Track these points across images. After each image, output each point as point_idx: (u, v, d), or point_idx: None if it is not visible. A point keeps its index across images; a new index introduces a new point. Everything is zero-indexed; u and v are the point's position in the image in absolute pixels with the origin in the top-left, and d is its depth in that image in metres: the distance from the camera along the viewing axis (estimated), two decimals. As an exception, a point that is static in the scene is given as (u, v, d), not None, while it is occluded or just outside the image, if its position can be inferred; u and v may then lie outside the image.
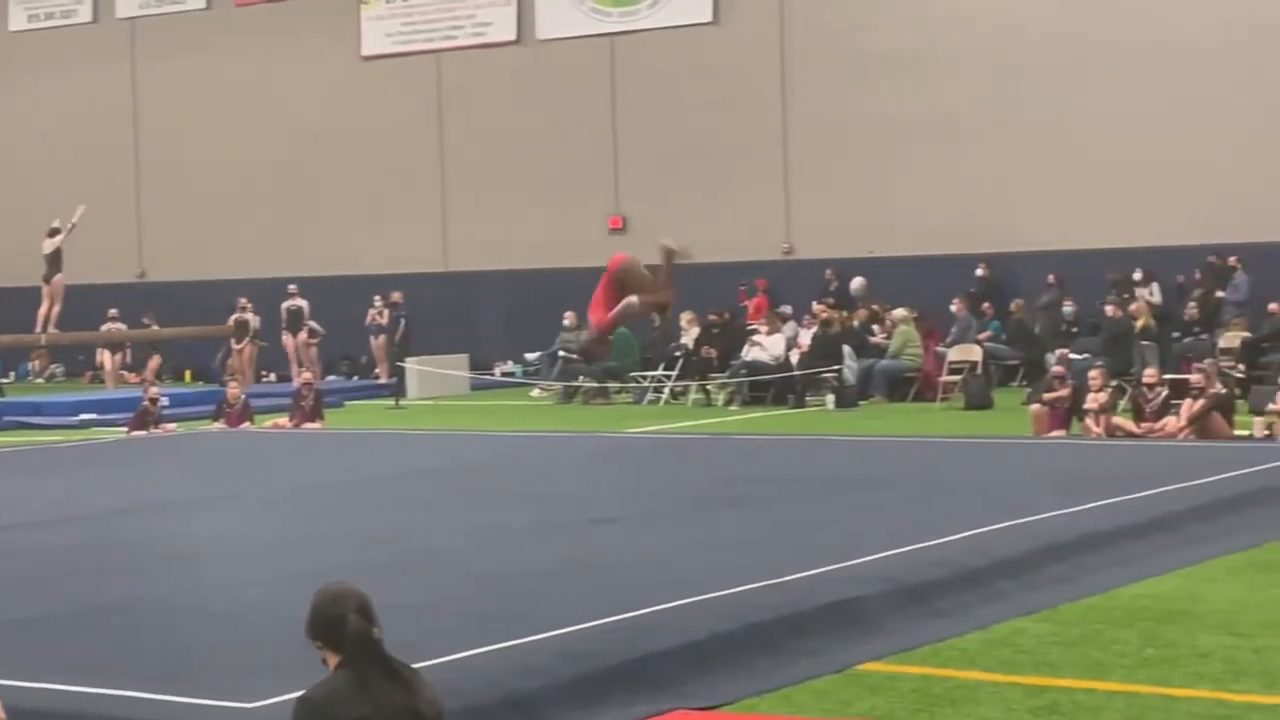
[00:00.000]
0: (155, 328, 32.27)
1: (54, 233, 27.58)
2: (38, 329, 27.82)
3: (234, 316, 31.54)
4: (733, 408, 26.32)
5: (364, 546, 11.79)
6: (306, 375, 25.71)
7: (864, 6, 30.63)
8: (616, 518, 13.11)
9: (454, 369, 31.32)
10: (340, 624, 4.75)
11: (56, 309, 27.81)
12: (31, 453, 20.96)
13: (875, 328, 27.92)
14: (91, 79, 37.76)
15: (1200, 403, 18.29)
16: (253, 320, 31.81)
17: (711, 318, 28.66)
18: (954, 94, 29.51)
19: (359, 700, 4.66)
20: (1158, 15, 28.18)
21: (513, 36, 33.77)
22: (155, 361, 32.38)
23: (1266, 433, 18.26)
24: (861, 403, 25.66)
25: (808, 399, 26.02)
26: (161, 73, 37.26)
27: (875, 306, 28.81)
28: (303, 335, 31.81)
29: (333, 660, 4.80)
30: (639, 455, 18.93)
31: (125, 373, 32.73)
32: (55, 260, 27.47)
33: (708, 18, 31.93)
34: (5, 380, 34.02)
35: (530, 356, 32.21)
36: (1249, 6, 27.56)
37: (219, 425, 23.43)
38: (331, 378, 32.80)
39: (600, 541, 11.99)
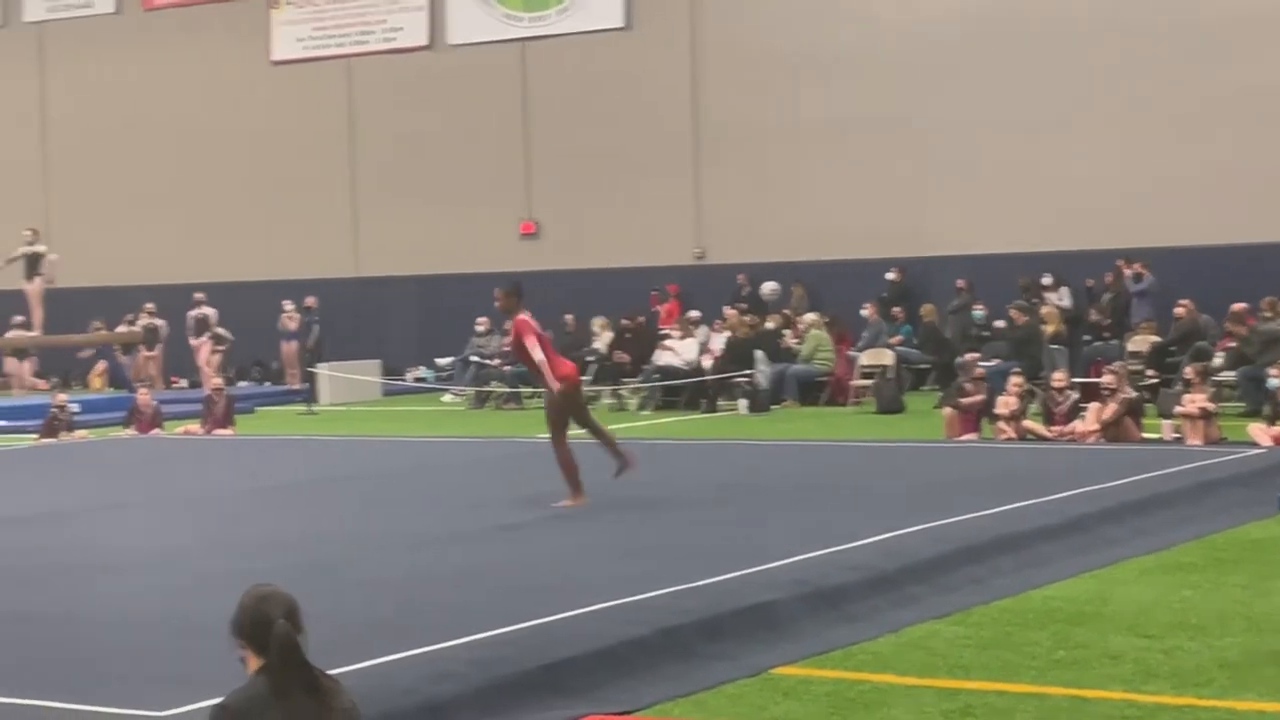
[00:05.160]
0: (103, 332, 31.95)
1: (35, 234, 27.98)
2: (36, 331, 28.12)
3: (142, 322, 31.25)
4: (646, 412, 26.35)
5: (273, 552, 11.70)
6: (217, 381, 25.52)
7: (774, 12, 30.75)
8: (527, 524, 13.08)
9: (366, 374, 31.18)
10: (267, 627, 4.69)
11: (39, 313, 28.06)
12: (-64, 461, 20.67)
13: (787, 332, 28.03)
14: (-2, 83, 37.33)
15: (1112, 406, 18.47)
16: (161, 326, 31.55)
17: (624, 323, 28.68)
18: (864, 98, 29.68)
19: (276, 709, 4.61)
20: (1066, 17, 28.45)
21: (424, 42, 33.66)
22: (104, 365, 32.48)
23: (1175, 435, 18.46)
24: (774, 407, 25.76)
25: (721, 404, 26.09)
26: (70, 77, 36.88)
27: (787, 312, 28.93)
28: (206, 341, 31.46)
29: (254, 662, 4.74)
30: (551, 461, 18.85)
31: (36, 379, 32.37)
32: (33, 263, 27.80)
33: (619, 23, 31.95)
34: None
35: (442, 362, 32.11)
36: (1155, 10, 27.87)
37: (130, 432, 23.21)
38: (243, 383, 32.55)
39: (510, 548, 11.96)
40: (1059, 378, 19.80)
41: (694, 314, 29.30)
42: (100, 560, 11.74)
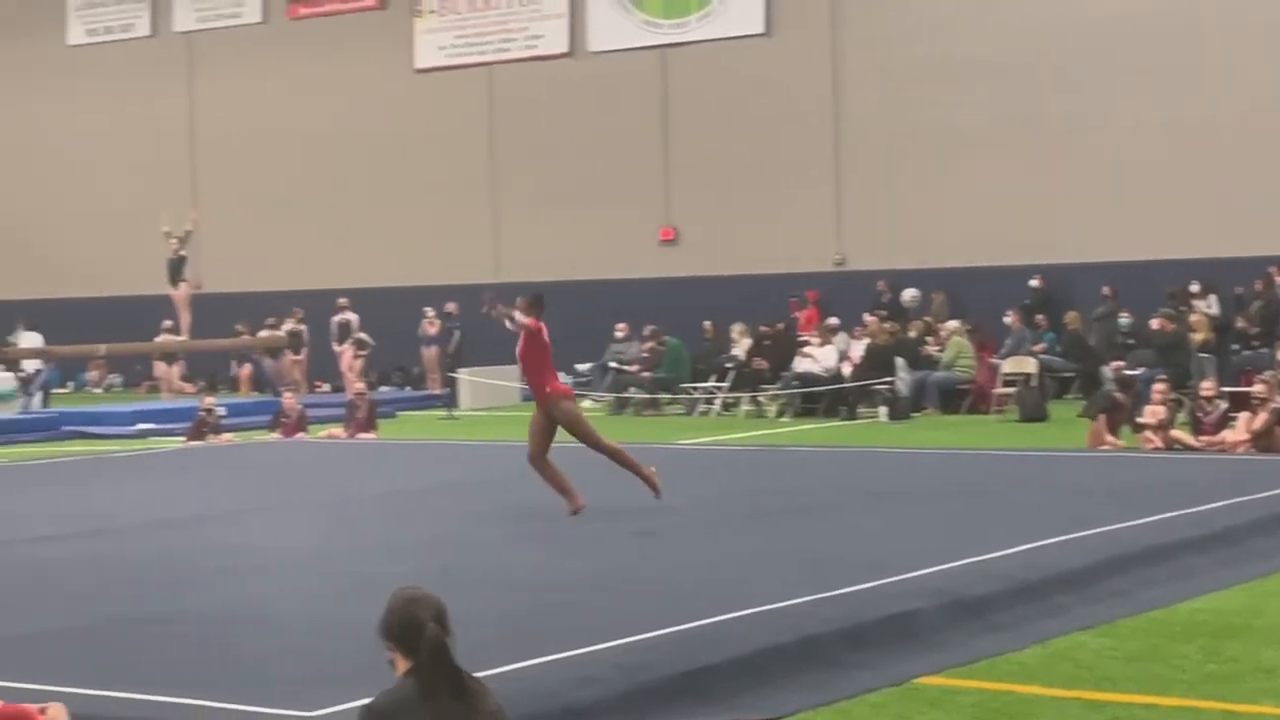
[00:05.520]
0: (246, 336, 32.43)
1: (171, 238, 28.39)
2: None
3: (287, 327, 31.68)
4: (785, 419, 26.26)
5: (415, 555, 11.82)
6: (359, 386, 25.81)
7: (916, 17, 30.56)
8: (666, 529, 13.09)
9: (506, 380, 31.36)
10: (417, 630, 4.74)
11: (186, 317, 28.52)
12: (90, 462, 21.10)
13: (929, 339, 27.82)
14: (149, 93, 38.01)
15: (1262, 416, 18.13)
16: (304, 331, 31.98)
17: (763, 329, 28.61)
18: (1009, 103, 29.41)
19: (423, 711, 4.65)
20: (1204, 18, 27.99)
21: (565, 49, 33.83)
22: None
23: (1326, 446, 18.08)
24: (915, 415, 25.57)
25: (860, 411, 25.95)
26: (218, 86, 37.50)
27: (928, 319, 28.72)
28: (349, 347, 31.83)
29: (401, 664, 4.79)
30: (690, 467, 18.88)
31: (184, 383, 32.95)
32: (177, 268, 28.21)
33: (760, 29, 31.90)
34: (63, 390, 34.22)
35: (581, 368, 32.21)
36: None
37: (275, 435, 23.54)
38: (385, 388, 32.88)
39: (652, 554, 11.97)
40: (1207, 387, 19.47)
41: (833, 321, 29.15)
42: (249, 562, 11.92)
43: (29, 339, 34.35)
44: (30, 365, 30.59)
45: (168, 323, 31.44)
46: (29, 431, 25.81)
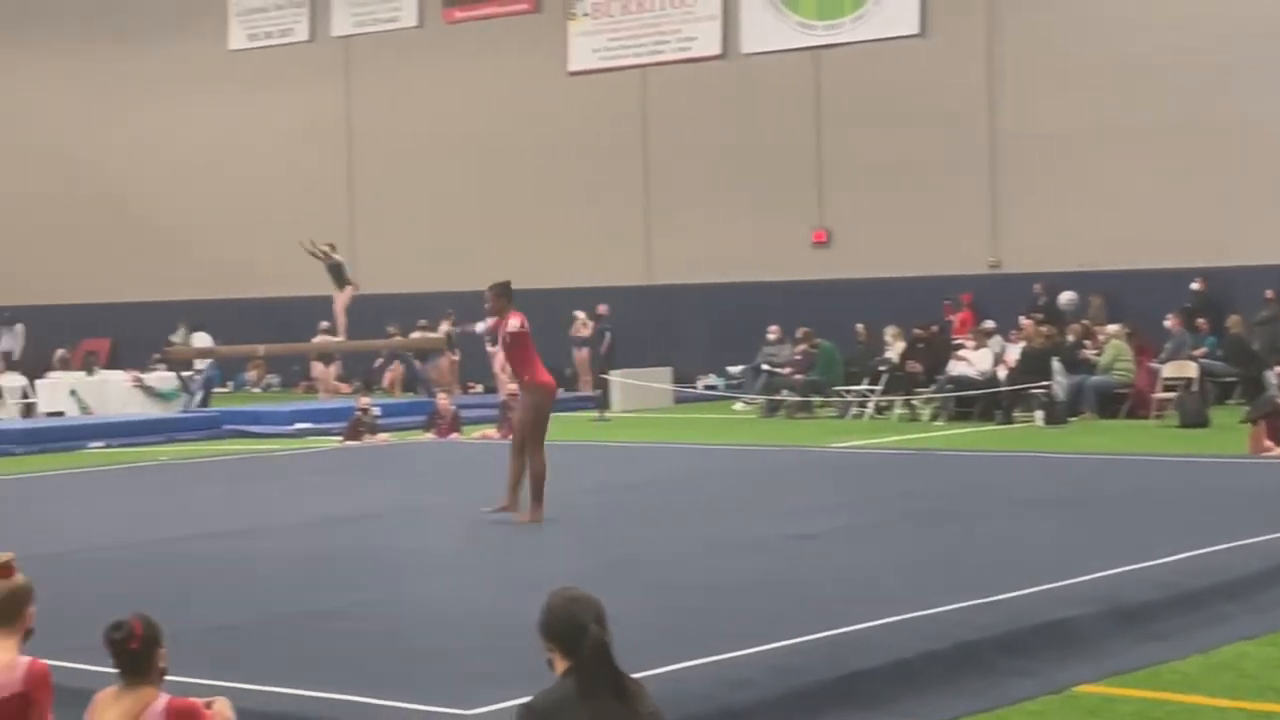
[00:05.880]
0: (397, 337, 32.84)
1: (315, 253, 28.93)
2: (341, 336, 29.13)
3: (442, 328, 31.99)
4: (939, 423, 26.05)
5: (570, 556, 11.89)
6: (512, 387, 25.90)
7: (1074, 16, 30.16)
8: (820, 533, 13.05)
9: (657, 382, 31.45)
10: (579, 631, 4.76)
11: (343, 319, 29.06)
12: (250, 461, 21.49)
13: (1086, 343, 27.44)
14: (307, 96, 38.62)
15: None
16: (457, 332, 32.26)
17: (917, 332, 28.39)
18: (1167, 103, 28.93)
19: (582, 710, 4.68)
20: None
21: (718, 51, 33.83)
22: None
23: None
24: (1072, 419, 25.23)
25: (1016, 415, 25.66)
26: (374, 89, 37.98)
27: (1085, 322, 28.33)
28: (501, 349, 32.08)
29: (560, 664, 4.81)
30: (843, 470, 18.82)
31: (338, 383, 33.43)
32: (338, 273, 28.77)
33: (914, 30, 31.67)
34: (223, 390, 34.85)
35: (733, 370, 32.22)
36: None
37: (430, 436, 23.79)
38: (537, 390, 33.02)
39: (804, 557, 11.94)
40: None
41: (988, 324, 28.86)
42: (408, 560, 12.08)
43: (199, 339, 35.10)
44: (199, 364, 31.26)
45: (324, 323, 31.95)
46: (192, 430, 26.35)
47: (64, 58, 41.36)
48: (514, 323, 14.04)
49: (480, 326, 13.86)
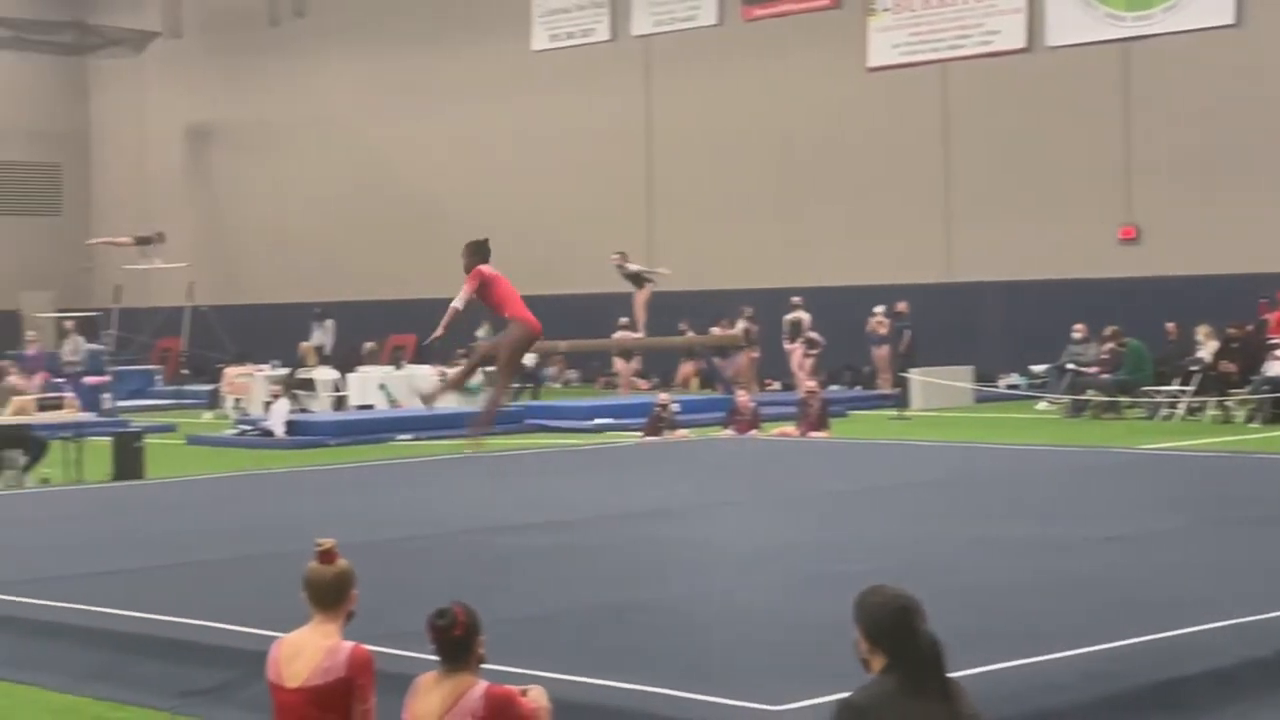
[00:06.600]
0: (690, 334, 33.05)
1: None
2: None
3: (739, 325, 32.06)
4: (1254, 425, 25.15)
5: (870, 555, 11.77)
6: (811, 384, 25.90)
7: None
8: (1131, 536, 12.71)
9: (958, 380, 31.04)
10: (908, 632, 4.70)
11: (642, 316, 29.42)
12: (553, 455, 21.83)
13: None
14: (607, 96, 39.08)
15: None
16: (754, 329, 32.32)
17: (1231, 331, 27.47)
18: None
19: (902, 709, 4.60)
20: None
21: (1022, 44, 33.20)
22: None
23: None
24: (1397, 422, 24.15)
25: (1337, 417, 24.66)
26: (673, 88, 38.24)
27: None
28: (800, 345, 32.03)
29: (877, 662, 4.75)
30: (1153, 473, 18.30)
31: (637, 379, 33.78)
32: (636, 279, 29.20)
33: (1229, 20, 30.64)
34: (528, 386, 35.44)
35: (1036, 369, 31.61)
36: None
37: (729, 432, 23.86)
38: (834, 387, 32.94)
39: (1113, 560, 11.64)
40: None
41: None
42: (711, 555, 12.12)
43: None
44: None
45: (623, 320, 32.26)
46: (495, 424, 26.81)
47: (377, 61, 42.57)
48: (482, 273, 13.80)
49: (458, 302, 13.75)
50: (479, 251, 13.97)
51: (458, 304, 13.70)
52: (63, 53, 46.48)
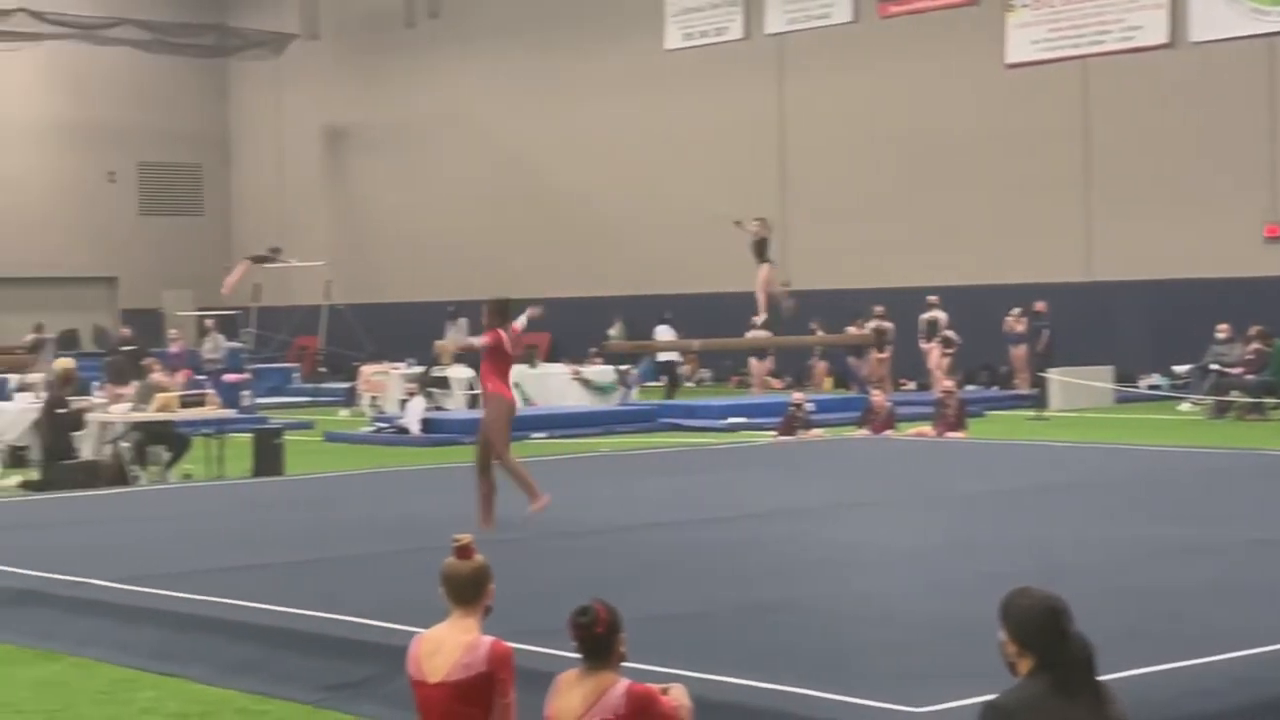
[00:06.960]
0: (820, 334, 32.83)
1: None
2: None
3: (871, 325, 31.85)
4: None
5: (1010, 556, 11.62)
6: (948, 384, 25.65)
7: None
8: (1277, 539, 12.42)
9: (1097, 380, 30.61)
10: (1058, 636, 4.64)
11: (762, 297, 29.02)
12: (687, 454, 21.78)
13: None
14: (741, 94, 38.99)
15: None
16: (889, 329, 32.07)
17: (1383, 331, 26.90)
18: None
19: (1051, 712, 4.52)
20: None
21: (1164, 40, 32.69)
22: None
23: None
24: None
25: None
26: (807, 85, 38.08)
27: None
28: (936, 345, 31.74)
29: (1025, 665, 4.67)
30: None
31: (771, 378, 33.65)
32: (760, 248, 28.74)
33: (1380, 12, 29.98)
34: (656, 385, 35.44)
35: (1179, 370, 31.10)
36: None
37: (864, 432, 23.69)
38: (971, 387, 32.62)
39: (1261, 563, 11.39)
40: None
41: None
42: (850, 556, 12.03)
43: (662, 332, 35.83)
44: (664, 357, 31.97)
45: (756, 319, 32.14)
46: (628, 422, 26.93)
47: (510, 61, 42.81)
48: (489, 338, 13.95)
49: (476, 341, 14.18)
50: (501, 313, 14.17)
51: (475, 342, 14.31)
52: (204, 55, 47.23)
